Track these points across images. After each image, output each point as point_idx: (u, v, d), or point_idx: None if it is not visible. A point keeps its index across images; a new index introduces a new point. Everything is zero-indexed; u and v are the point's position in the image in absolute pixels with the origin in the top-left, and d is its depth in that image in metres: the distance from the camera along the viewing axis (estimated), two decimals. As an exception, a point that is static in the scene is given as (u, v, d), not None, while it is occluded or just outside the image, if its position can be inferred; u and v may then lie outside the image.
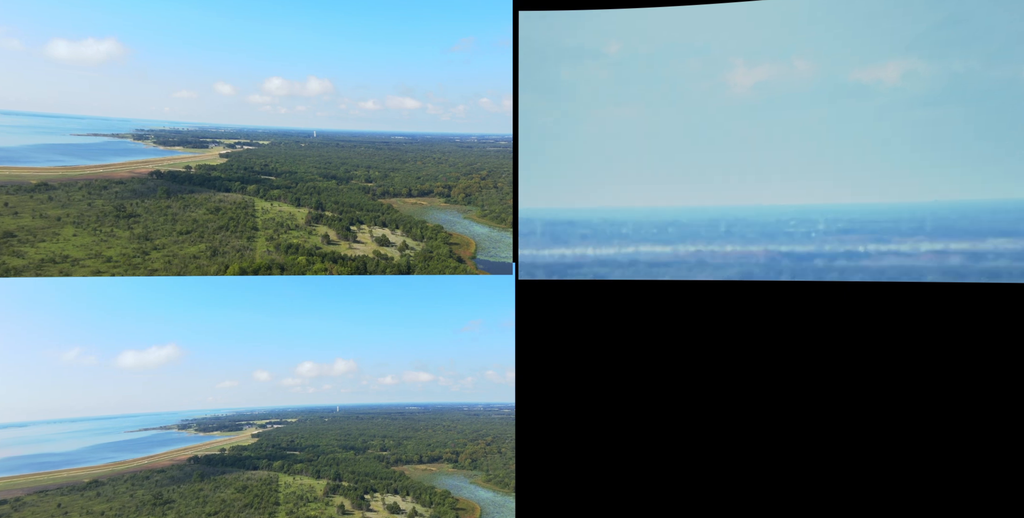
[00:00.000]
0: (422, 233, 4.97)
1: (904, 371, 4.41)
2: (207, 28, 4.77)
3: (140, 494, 4.62)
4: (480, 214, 5.04)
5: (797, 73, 4.59)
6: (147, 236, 4.57)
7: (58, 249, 4.38)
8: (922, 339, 4.37)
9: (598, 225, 4.89)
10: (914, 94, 4.39)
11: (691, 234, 4.78)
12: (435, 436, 5.25)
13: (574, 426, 4.80)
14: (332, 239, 4.88)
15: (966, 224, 4.28)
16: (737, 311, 4.66)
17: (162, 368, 4.68)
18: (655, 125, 4.83)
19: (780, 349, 4.58)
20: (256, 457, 5.01)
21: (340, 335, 5.01)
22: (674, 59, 4.78)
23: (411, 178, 5.22)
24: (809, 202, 4.56)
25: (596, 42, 4.88)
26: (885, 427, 4.42)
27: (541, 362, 4.82)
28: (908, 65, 4.40)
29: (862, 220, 4.49)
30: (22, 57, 4.40)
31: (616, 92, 4.87)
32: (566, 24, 4.89)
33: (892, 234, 4.42)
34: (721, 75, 4.73)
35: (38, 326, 4.52)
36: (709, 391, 4.67)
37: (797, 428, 4.53)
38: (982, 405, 4.26)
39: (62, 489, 4.48)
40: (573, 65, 4.92)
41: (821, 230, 4.55)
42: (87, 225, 4.50)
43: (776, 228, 4.64)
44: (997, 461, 4.23)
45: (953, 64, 4.31)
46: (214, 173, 4.90)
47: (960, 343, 4.31)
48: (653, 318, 4.76)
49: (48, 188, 4.50)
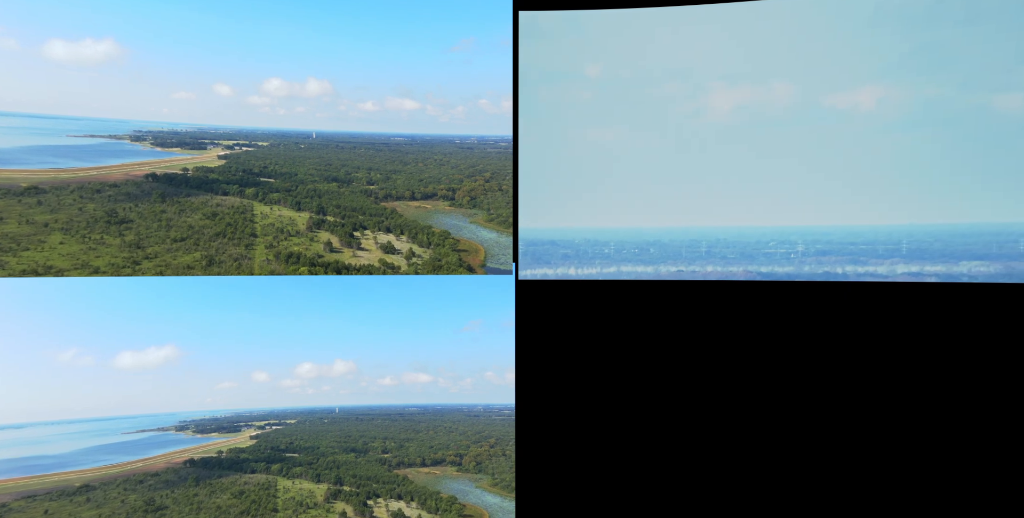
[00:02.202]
0: (428, 239, 4.82)
1: (904, 371, 4.38)
2: (206, 29, 4.70)
3: (132, 499, 4.45)
4: (486, 218, 4.90)
5: (775, 96, 4.62)
6: (139, 244, 4.40)
7: (42, 259, 4.20)
8: (922, 339, 4.35)
9: (580, 245, 4.91)
10: (889, 119, 4.43)
11: (672, 254, 4.80)
12: (437, 438, 5.12)
13: (574, 426, 4.74)
14: (335, 246, 4.72)
15: (941, 247, 4.35)
16: (737, 311, 4.64)
17: (160, 369, 4.58)
18: (636, 146, 4.83)
19: (781, 349, 4.56)
20: (254, 460, 4.85)
21: (339, 335, 4.93)
22: (654, 81, 4.81)
23: (413, 180, 5.10)
24: (789, 223, 4.58)
25: (577, 65, 4.89)
26: (885, 427, 4.39)
27: (541, 362, 4.76)
28: (883, 90, 4.44)
29: (840, 242, 4.54)
30: (19, 57, 4.31)
31: (597, 114, 4.88)
32: (548, 48, 4.87)
33: (869, 256, 4.46)
34: (701, 98, 4.77)
35: (35, 326, 4.41)
36: (710, 391, 4.64)
37: (798, 428, 4.51)
38: (982, 405, 4.24)
39: (51, 494, 4.32)
40: (554, 87, 4.90)
41: (800, 252, 4.60)
42: (76, 231, 4.33)
43: (756, 249, 4.68)
44: (996, 461, 4.21)
45: (926, 90, 4.35)
46: (212, 175, 4.75)
47: (960, 343, 4.28)
48: (654, 318, 4.73)
49: (38, 192, 4.33)
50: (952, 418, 4.29)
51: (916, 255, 4.37)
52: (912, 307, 4.36)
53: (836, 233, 4.53)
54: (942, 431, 4.30)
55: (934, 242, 4.36)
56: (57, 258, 4.22)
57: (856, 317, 4.45)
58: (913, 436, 4.35)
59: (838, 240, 4.54)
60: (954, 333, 4.29)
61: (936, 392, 4.32)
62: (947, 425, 4.29)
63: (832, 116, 4.51)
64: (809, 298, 4.52)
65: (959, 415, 4.28)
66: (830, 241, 4.55)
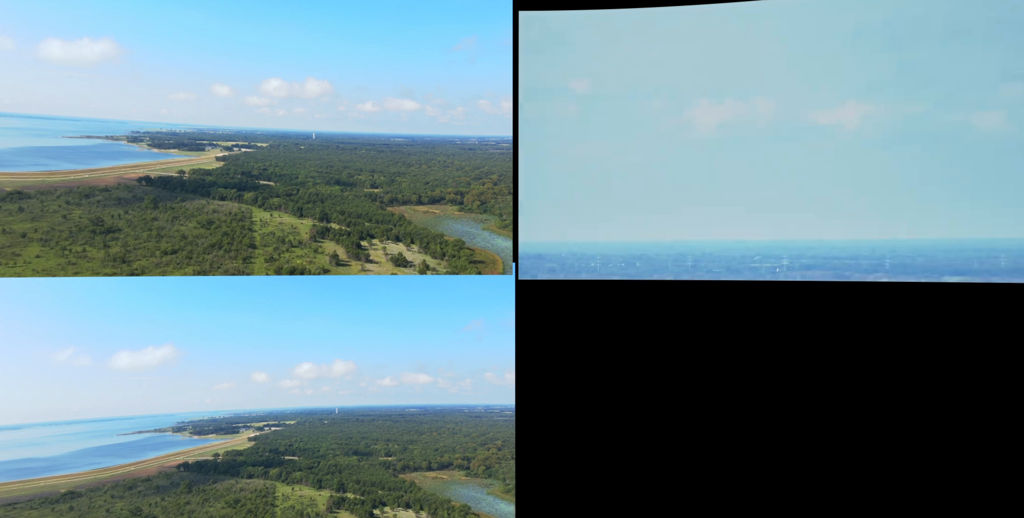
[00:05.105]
0: (442, 250, 4.55)
1: (903, 370, 4.29)
2: (205, 29, 4.59)
3: (118, 508, 4.18)
4: (499, 224, 4.69)
5: (759, 113, 4.62)
6: (124, 257, 4.05)
7: (13, 274, 3.87)
8: (921, 339, 4.27)
9: (566, 259, 4.86)
10: (872, 135, 4.42)
11: (658, 268, 4.79)
12: (441, 440, 4.93)
13: (575, 427, 4.62)
14: (342, 259, 4.42)
15: (923, 262, 4.37)
16: (738, 311, 4.55)
17: (159, 369, 4.46)
18: (622, 161, 4.81)
19: (781, 349, 4.47)
20: (252, 463, 4.65)
21: (339, 336, 4.81)
22: (640, 97, 4.79)
23: (419, 183, 4.93)
24: (774, 238, 4.58)
25: (564, 79, 4.84)
26: (884, 426, 4.30)
27: (541, 362, 4.65)
28: (865, 107, 4.44)
29: (825, 257, 4.54)
30: (14, 57, 4.18)
31: (583, 128, 4.83)
32: (535, 61, 4.80)
33: (853, 270, 4.46)
34: (686, 113, 4.76)
35: (30, 325, 4.28)
36: (711, 391, 4.54)
37: (799, 428, 4.41)
38: (981, 404, 4.17)
39: (33, 502, 4.08)
40: (540, 102, 4.83)
41: (785, 266, 4.59)
42: (56, 243, 3.97)
43: (741, 263, 4.66)
44: (995, 460, 4.12)
45: (907, 107, 4.36)
46: (209, 178, 4.57)
47: (959, 343, 4.21)
48: (654, 318, 4.63)
49: (22, 197, 4.05)
50: (952, 418, 4.19)
51: (899, 270, 4.37)
52: (911, 307, 4.28)
53: (820, 247, 4.54)
54: (942, 431, 4.20)
55: (916, 257, 4.38)
56: (31, 274, 3.89)
57: (856, 317, 4.36)
58: (912, 436, 4.25)
59: (823, 254, 4.54)
60: (953, 333, 4.21)
61: (936, 392, 4.23)
62: (947, 425, 4.20)
63: (815, 132, 4.52)
64: (809, 298, 4.44)
65: (959, 415, 4.18)
66: (815, 256, 4.56)
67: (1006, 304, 4.13)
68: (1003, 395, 4.11)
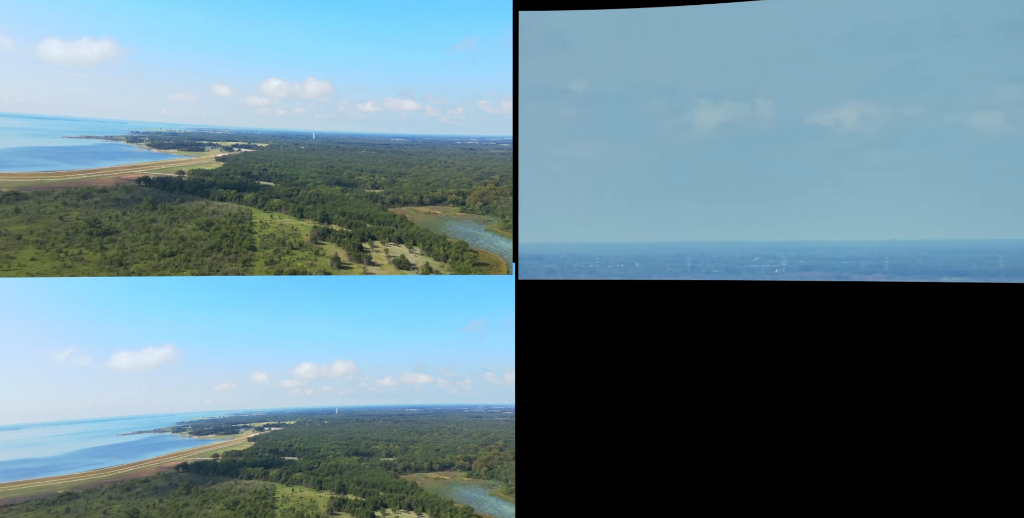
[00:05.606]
0: (445, 252, 4.50)
1: (902, 370, 4.28)
2: (205, 29, 4.57)
3: (115, 510, 4.13)
4: (502, 225, 4.64)
5: (759, 113, 4.64)
6: (121, 259, 3.96)
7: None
8: (920, 339, 4.26)
9: (565, 259, 4.88)
10: (870, 136, 4.42)
11: (657, 269, 4.80)
12: (442, 440, 4.89)
13: (575, 426, 4.61)
14: (343, 261, 4.36)
15: (922, 263, 4.38)
16: (737, 311, 4.53)
17: (158, 369, 4.42)
18: (621, 162, 4.81)
19: (781, 349, 4.46)
20: (251, 463, 4.61)
21: (339, 336, 4.78)
22: (640, 97, 4.79)
23: (420, 184, 4.90)
24: (772, 239, 4.58)
25: (563, 79, 4.84)
26: (883, 426, 4.29)
27: (541, 362, 4.63)
28: (864, 108, 4.45)
29: (823, 258, 4.55)
30: (13, 57, 4.15)
31: (583, 129, 4.84)
32: (535, 61, 4.79)
33: (852, 272, 4.45)
34: (685, 114, 4.76)
35: (29, 325, 4.24)
36: (710, 391, 4.53)
37: (798, 428, 4.40)
38: (980, 404, 4.15)
39: (29, 503, 4.03)
40: (540, 102, 4.82)
41: (784, 267, 4.59)
42: (52, 245, 3.89)
43: (740, 264, 4.69)
44: (995, 460, 4.11)
45: (906, 108, 4.36)
46: (208, 179, 4.53)
47: (958, 343, 4.19)
48: (653, 318, 4.62)
49: (18, 198, 3.98)
50: (951, 418, 4.19)
51: (898, 270, 4.37)
52: (911, 307, 4.27)
53: (819, 249, 4.54)
54: (941, 431, 4.20)
55: (915, 258, 4.38)
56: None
57: (855, 317, 4.34)
58: (911, 435, 4.24)
59: (821, 255, 4.55)
60: (953, 332, 4.20)
61: (935, 392, 4.22)
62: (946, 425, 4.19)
63: (814, 132, 4.51)
64: (808, 298, 4.42)
65: (958, 415, 4.18)
66: (813, 257, 4.56)
67: (1004, 304, 4.12)
68: (1002, 395, 4.10)
